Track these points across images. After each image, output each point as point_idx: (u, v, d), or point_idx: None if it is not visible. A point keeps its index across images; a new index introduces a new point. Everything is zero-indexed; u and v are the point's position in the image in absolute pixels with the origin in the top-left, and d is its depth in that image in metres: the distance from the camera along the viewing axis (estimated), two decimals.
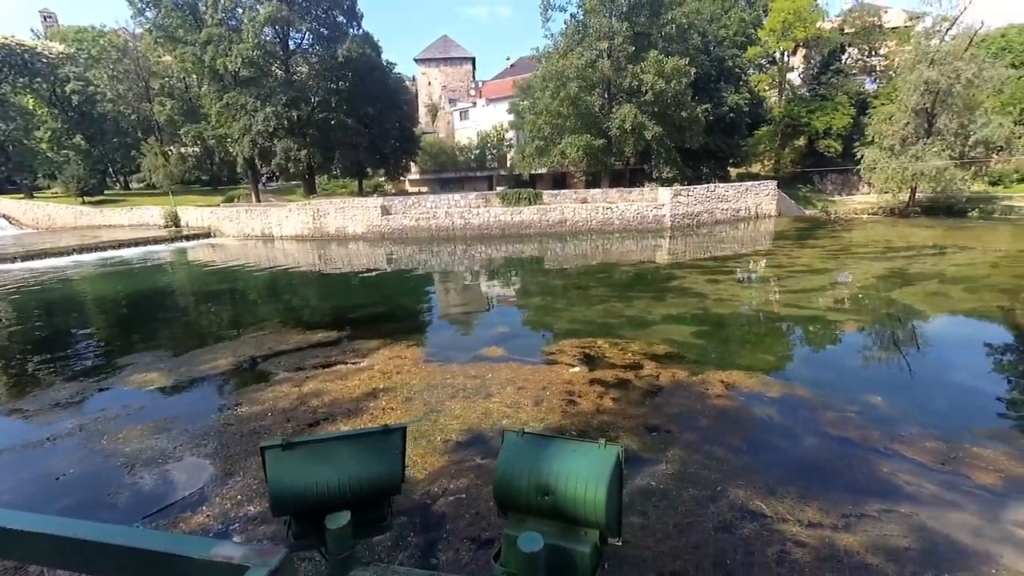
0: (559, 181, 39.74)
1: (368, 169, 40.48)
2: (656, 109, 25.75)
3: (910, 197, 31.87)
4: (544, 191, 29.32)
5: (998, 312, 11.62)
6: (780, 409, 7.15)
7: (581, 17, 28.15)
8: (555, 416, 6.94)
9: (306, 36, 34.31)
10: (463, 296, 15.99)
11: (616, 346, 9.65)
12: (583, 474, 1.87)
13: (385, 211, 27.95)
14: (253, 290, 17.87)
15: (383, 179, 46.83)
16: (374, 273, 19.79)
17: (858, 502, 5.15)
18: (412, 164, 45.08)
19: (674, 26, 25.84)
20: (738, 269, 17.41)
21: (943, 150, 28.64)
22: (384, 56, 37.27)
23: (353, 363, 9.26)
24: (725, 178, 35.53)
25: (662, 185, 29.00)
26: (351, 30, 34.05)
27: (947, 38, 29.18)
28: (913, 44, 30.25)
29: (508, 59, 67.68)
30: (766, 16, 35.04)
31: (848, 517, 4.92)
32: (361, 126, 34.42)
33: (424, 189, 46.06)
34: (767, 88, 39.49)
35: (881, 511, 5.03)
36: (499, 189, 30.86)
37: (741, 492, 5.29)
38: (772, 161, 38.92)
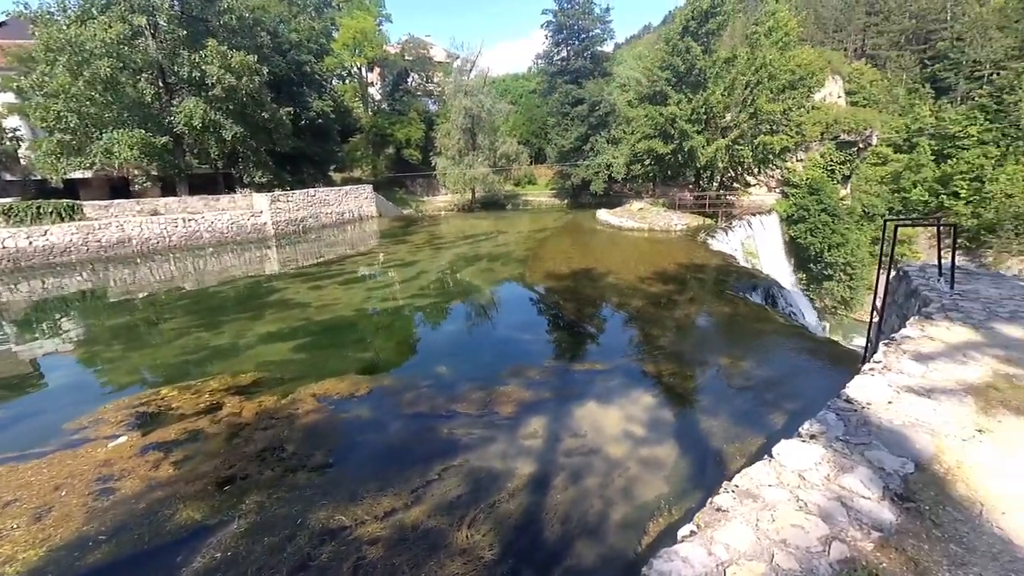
0: (119, 189, 30.59)
1: None
2: (232, 107, 23.01)
3: (472, 196, 40.75)
4: (91, 202, 21.77)
5: (519, 277, 16.05)
6: (369, 406, 7.38)
7: None
8: (72, 526, 4.86)
9: None
10: None
11: (189, 390, 7.85)
12: None
13: None
14: None
15: None
16: None
17: (425, 471, 5.73)
18: None
19: (234, 16, 23.46)
20: (344, 272, 17.75)
21: (484, 160, 37.77)
22: None
23: None
24: (330, 182, 35.98)
25: (258, 191, 26.55)
26: None
27: (472, 76, 38.43)
28: (452, 78, 38.32)
29: None
30: (336, 28, 36.89)
31: (417, 490, 5.38)
32: None
33: None
34: (355, 99, 41.99)
35: (442, 471, 5.75)
36: (4, 201, 20.84)
37: (323, 513, 5.01)
38: (370, 167, 42.09)
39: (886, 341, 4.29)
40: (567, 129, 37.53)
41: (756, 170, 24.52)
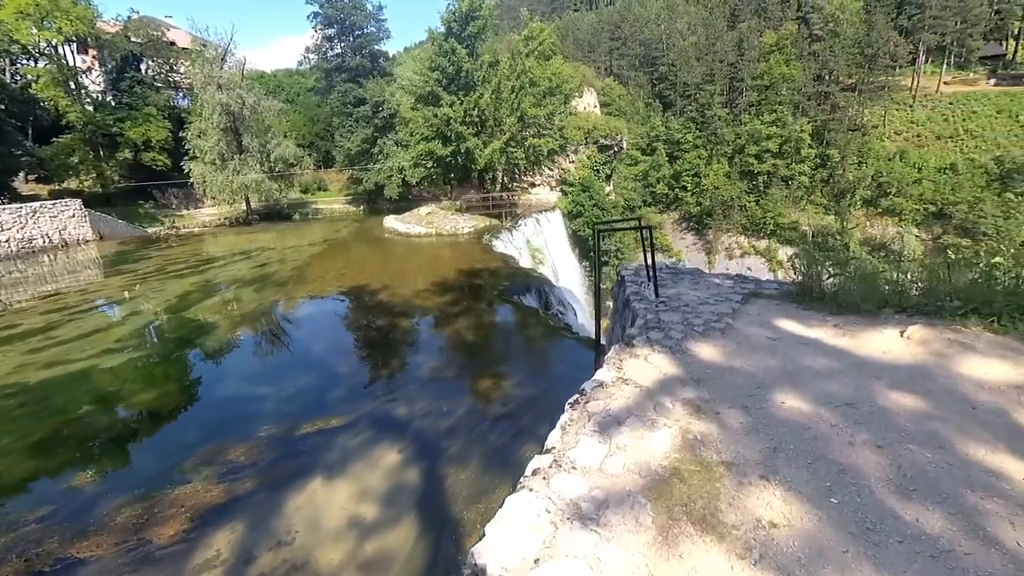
0: None
1: None
2: None
3: (248, 207, 34.27)
4: None
5: (268, 308, 12.85)
6: None
7: None
8: None
9: None
10: None
11: None
12: None
13: None
14: None
15: None
16: None
17: None
18: None
19: None
20: None
21: (256, 165, 31.91)
22: None
23: None
24: (18, 197, 25.83)
25: None
26: None
27: (225, 67, 31.93)
28: (198, 67, 31.29)
29: None
30: None
31: None
32: None
33: None
34: (54, 87, 31.17)
35: None
36: None
37: None
38: (93, 176, 31.96)
39: (571, 401, 3.15)
40: (352, 131, 34.18)
41: (532, 171, 25.37)
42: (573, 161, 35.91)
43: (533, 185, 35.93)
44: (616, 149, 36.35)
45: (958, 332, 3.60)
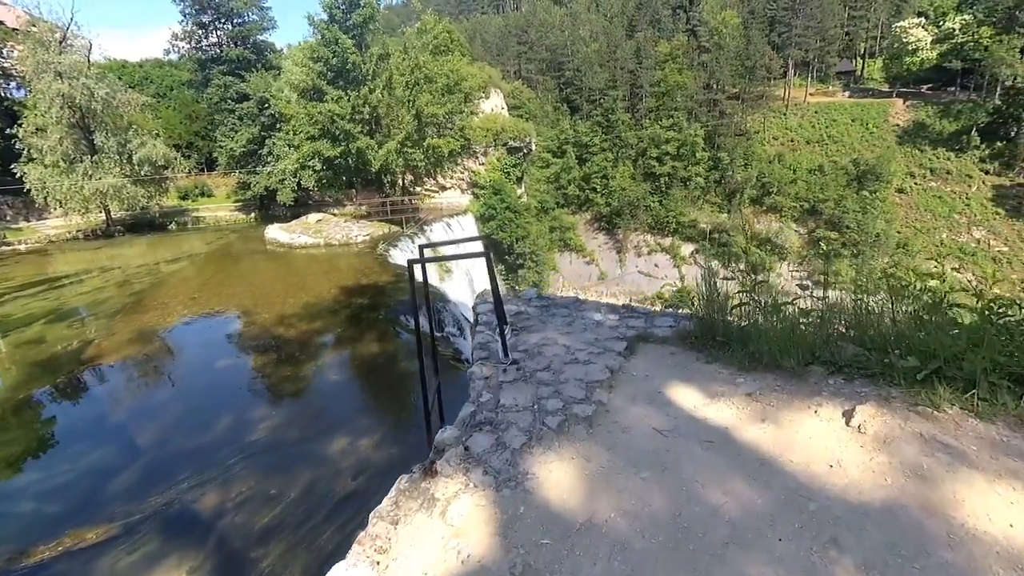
0: None
1: None
2: None
3: (108, 217, 28.63)
4: None
5: (73, 356, 9.68)
6: None
7: None
8: None
9: None
10: None
11: None
12: None
13: None
14: None
15: None
16: None
17: None
18: None
19: None
20: None
21: (115, 168, 26.62)
22: None
23: None
24: None
25: None
26: None
27: (66, 51, 26.20)
28: (29, 51, 25.40)
29: None
30: None
31: None
32: None
33: None
34: None
35: None
36: None
37: None
38: None
39: None
40: (236, 129, 29.79)
41: (435, 173, 23.29)
42: (483, 163, 34.25)
43: (444, 188, 33.74)
44: (525, 151, 35.25)
45: (929, 420, 2.25)
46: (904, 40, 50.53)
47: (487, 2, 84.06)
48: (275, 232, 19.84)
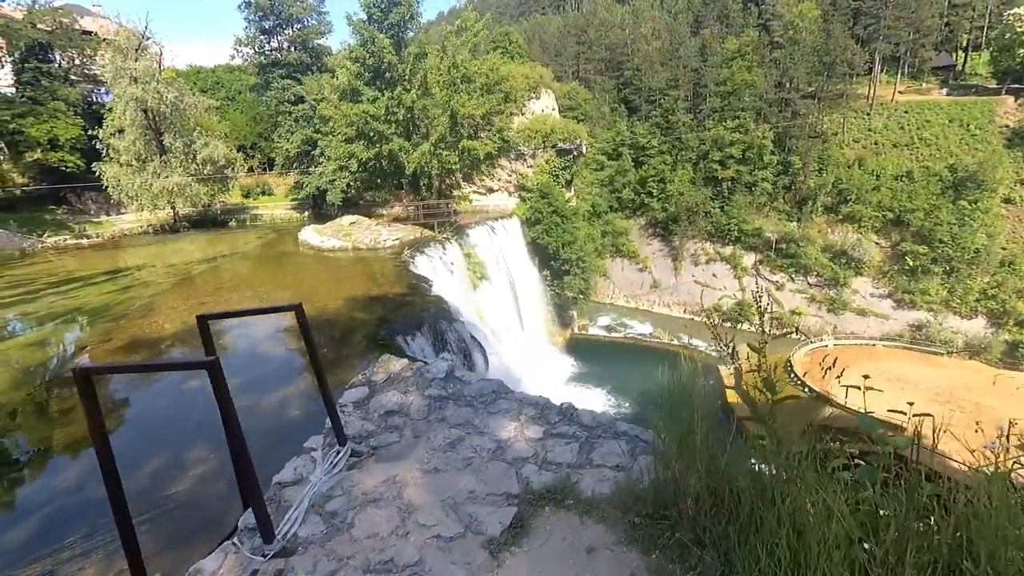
0: None
1: None
2: None
3: (175, 213, 29.70)
4: None
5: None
6: None
7: None
8: None
9: None
10: None
11: None
12: None
13: None
14: None
15: None
16: None
17: None
18: None
19: None
20: None
21: (180, 167, 27.44)
22: None
23: None
24: None
25: None
26: None
27: (138, 57, 27.26)
28: (110, 58, 26.66)
29: None
30: None
31: None
32: None
33: None
34: None
35: None
36: None
37: None
38: None
39: None
40: (291, 131, 29.99)
41: (470, 175, 21.69)
42: (531, 166, 32.31)
43: (491, 191, 32.22)
44: (576, 153, 32.88)
45: None
46: (1018, 29, 42.49)
47: (548, 2, 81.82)
48: (307, 234, 19.10)
